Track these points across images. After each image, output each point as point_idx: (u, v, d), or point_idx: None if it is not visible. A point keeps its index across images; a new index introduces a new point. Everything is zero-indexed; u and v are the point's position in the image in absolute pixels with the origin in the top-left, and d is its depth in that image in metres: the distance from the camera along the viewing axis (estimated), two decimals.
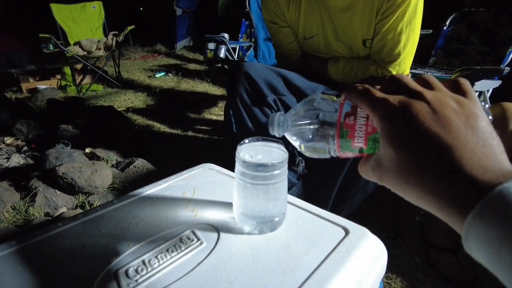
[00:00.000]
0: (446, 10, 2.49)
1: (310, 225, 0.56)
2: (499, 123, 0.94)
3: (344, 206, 1.01)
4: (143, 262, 0.46)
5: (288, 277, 0.44)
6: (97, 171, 1.24)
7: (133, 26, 3.65)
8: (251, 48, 2.34)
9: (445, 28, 2.40)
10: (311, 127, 0.38)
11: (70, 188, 1.22)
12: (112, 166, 1.46)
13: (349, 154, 0.37)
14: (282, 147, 0.54)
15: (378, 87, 0.33)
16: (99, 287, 0.42)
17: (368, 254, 0.51)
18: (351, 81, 1.15)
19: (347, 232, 0.54)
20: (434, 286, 1.08)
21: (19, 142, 1.77)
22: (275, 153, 0.53)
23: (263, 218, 0.52)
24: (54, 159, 1.32)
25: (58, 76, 3.71)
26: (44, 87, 3.46)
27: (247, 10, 2.31)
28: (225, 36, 2.80)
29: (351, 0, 1.03)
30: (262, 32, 2.66)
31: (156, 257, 0.47)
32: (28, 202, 1.15)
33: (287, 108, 1.10)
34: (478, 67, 1.22)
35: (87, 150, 1.55)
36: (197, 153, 1.94)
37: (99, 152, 1.50)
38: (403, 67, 1.10)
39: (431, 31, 2.51)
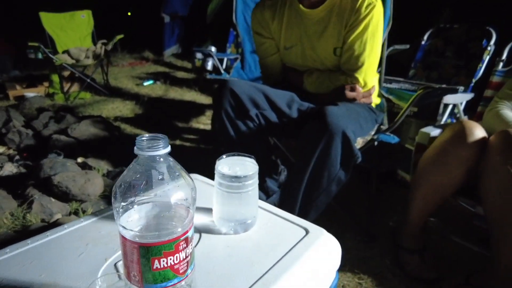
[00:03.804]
0: (424, 25, 2.66)
1: (277, 227, 0.67)
2: (458, 139, 1.06)
3: (309, 208, 1.12)
4: None
5: (255, 268, 0.55)
6: (89, 180, 1.33)
7: (122, 35, 3.72)
8: (238, 60, 2.45)
9: (423, 42, 2.57)
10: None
11: (64, 196, 1.30)
12: (103, 175, 1.54)
13: None
14: (254, 161, 0.66)
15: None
16: (103, 276, 0.52)
17: (324, 249, 0.63)
18: (324, 90, 1.29)
19: (307, 231, 0.65)
20: (401, 284, 1.18)
21: (10, 151, 1.83)
22: (249, 166, 0.65)
23: (237, 221, 0.63)
24: (48, 168, 1.40)
25: (46, 84, 3.72)
26: (32, 94, 3.46)
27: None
28: (212, 50, 2.91)
29: (324, 14, 1.21)
30: (248, 45, 2.77)
31: None
32: (25, 209, 1.23)
33: (268, 121, 1.21)
34: (437, 86, 1.37)
35: (79, 159, 1.62)
36: (184, 162, 2.01)
37: (91, 161, 1.59)
38: (368, 75, 1.25)
39: (408, 46, 2.67)
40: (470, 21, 2.43)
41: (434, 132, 1.36)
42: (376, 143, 1.33)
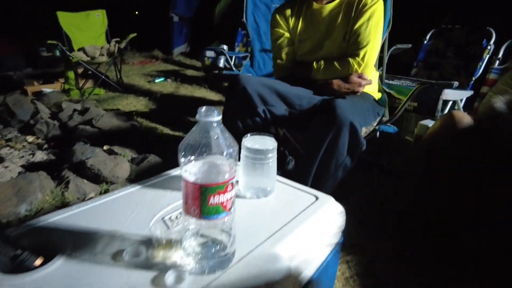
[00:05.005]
0: (426, 26, 2.77)
1: (292, 194, 0.80)
2: (449, 128, 1.18)
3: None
4: (180, 213, 0.70)
5: (274, 223, 0.68)
6: (118, 164, 1.47)
7: (135, 34, 3.86)
8: (248, 58, 2.59)
9: (425, 42, 2.68)
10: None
11: (96, 177, 1.44)
12: (129, 161, 1.68)
13: None
14: (273, 139, 0.79)
15: None
16: (154, 226, 0.65)
17: (331, 211, 0.76)
18: (330, 76, 1.41)
19: (317, 198, 0.78)
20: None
21: (39, 140, 1.99)
22: (268, 143, 0.78)
23: (259, 187, 0.77)
24: (80, 153, 1.54)
25: (61, 80, 3.88)
26: (49, 90, 3.61)
27: (243, 20, 2.55)
28: (224, 48, 3.06)
29: (335, 8, 1.40)
30: (257, 44, 2.90)
31: None
32: (62, 188, 1.38)
33: (274, 116, 1.33)
34: (434, 81, 1.48)
35: (105, 147, 1.77)
36: None
37: (116, 149, 1.73)
38: (370, 58, 1.36)
39: (410, 45, 2.77)
40: (470, 22, 2.53)
41: (432, 124, 1.47)
42: (378, 133, 1.45)
